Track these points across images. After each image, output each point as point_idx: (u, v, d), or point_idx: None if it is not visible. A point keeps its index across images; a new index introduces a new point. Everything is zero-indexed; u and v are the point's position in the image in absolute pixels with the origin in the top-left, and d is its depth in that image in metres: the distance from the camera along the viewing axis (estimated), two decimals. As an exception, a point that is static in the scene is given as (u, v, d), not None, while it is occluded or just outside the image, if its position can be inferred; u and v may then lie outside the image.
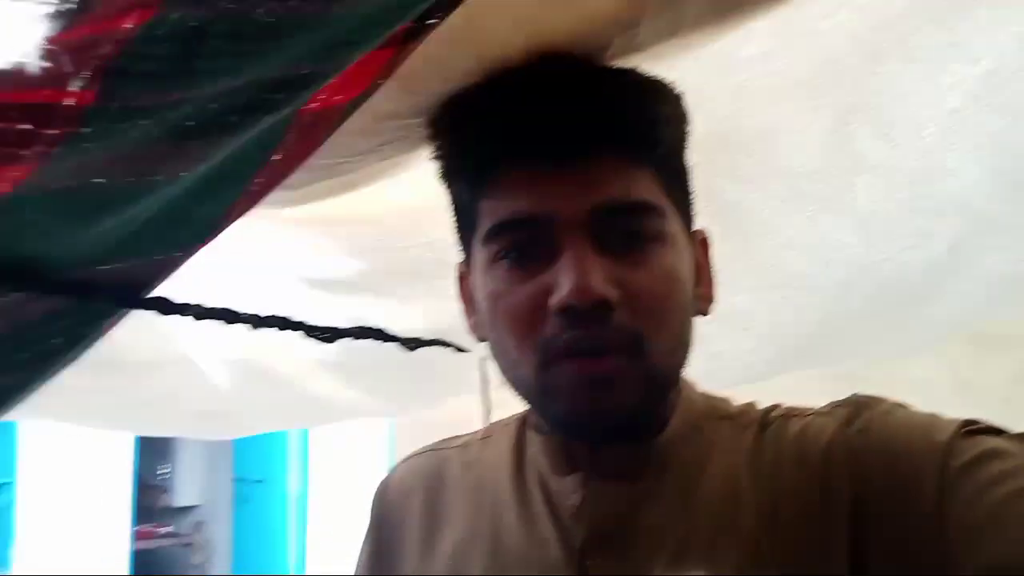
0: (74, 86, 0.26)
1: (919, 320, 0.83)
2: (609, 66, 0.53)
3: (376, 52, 0.40)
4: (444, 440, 0.67)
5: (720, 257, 0.79)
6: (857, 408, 0.49)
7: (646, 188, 0.48)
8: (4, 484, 4.04)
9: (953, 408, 0.48)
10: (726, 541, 0.48)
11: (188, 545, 5.59)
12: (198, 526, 5.66)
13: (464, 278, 0.58)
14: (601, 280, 0.45)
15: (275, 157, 0.44)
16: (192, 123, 0.33)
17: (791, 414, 0.52)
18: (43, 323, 0.43)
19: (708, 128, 0.68)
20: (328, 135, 0.47)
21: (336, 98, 0.42)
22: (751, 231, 0.75)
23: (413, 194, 0.75)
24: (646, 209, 0.48)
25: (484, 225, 0.50)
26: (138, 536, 4.94)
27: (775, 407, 0.54)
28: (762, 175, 0.71)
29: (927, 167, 0.63)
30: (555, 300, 0.46)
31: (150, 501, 5.88)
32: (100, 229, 0.39)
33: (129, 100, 0.29)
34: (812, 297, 0.79)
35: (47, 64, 0.23)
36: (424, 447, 0.68)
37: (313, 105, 0.42)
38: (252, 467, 5.20)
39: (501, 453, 0.60)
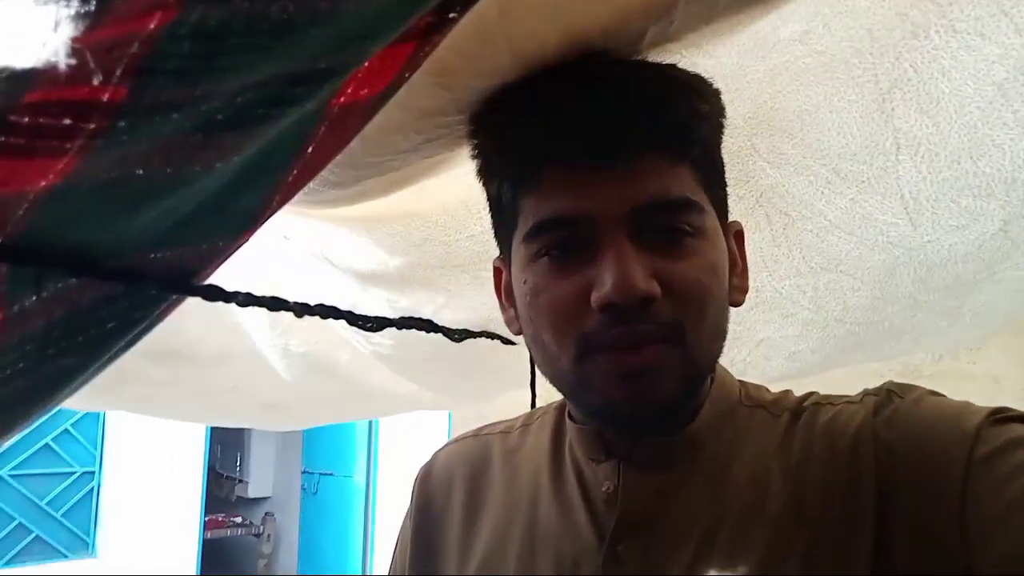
0: (106, 83, 0.29)
1: (975, 307, 0.80)
2: (648, 62, 0.53)
3: (397, 46, 0.42)
4: (486, 426, 0.69)
5: (762, 242, 0.79)
6: (887, 396, 0.49)
7: (685, 184, 0.49)
8: (90, 473, 4.29)
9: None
10: (753, 529, 0.48)
11: (257, 535, 5.81)
12: (267, 517, 5.88)
13: (500, 273, 0.60)
14: (643, 276, 0.46)
15: (308, 149, 0.46)
16: (221, 116, 0.35)
17: (823, 402, 0.52)
18: (98, 307, 0.46)
19: (747, 112, 0.68)
20: (360, 128, 0.49)
21: (363, 92, 0.44)
22: (793, 214, 0.75)
23: (457, 190, 0.77)
24: (685, 206, 0.49)
25: (525, 223, 0.51)
26: (208, 525, 5.16)
27: (809, 395, 0.54)
28: (803, 157, 0.70)
29: (972, 144, 0.61)
30: (597, 296, 0.47)
31: (223, 492, 6.14)
32: (147, 218, 0.42)
33: (158, 96, 0.31)
34: (857, 281, 0.77)
35: (74, 62, 0.25)
36: (466, 432, 0.70)
37: (341, 99, 0.44)
38: (320, 460, 5.36)
39: (540, 440, 0.62)
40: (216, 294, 0.55)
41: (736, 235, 0.56)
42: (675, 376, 0.48)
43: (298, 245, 0.97)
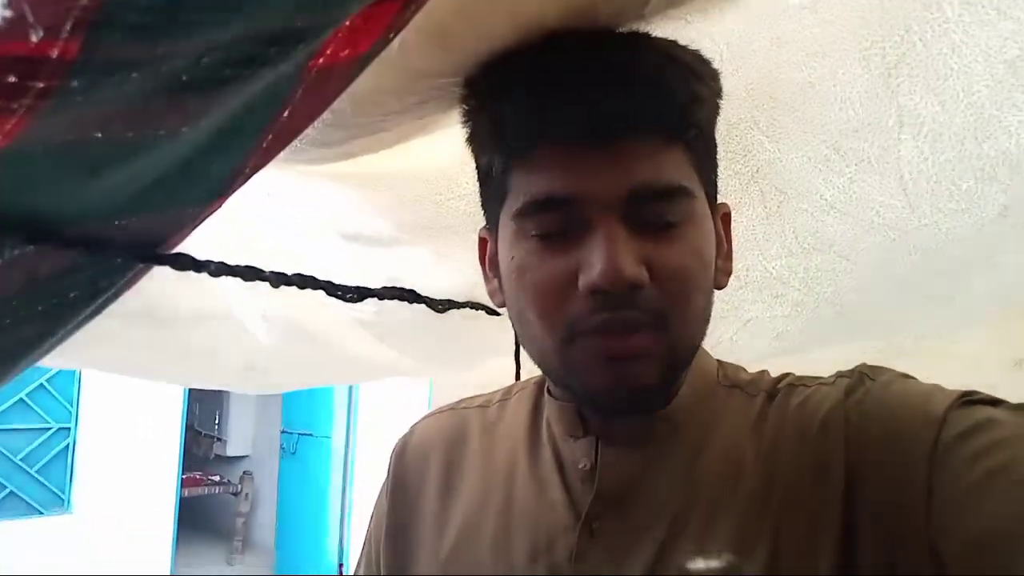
0: (54, 37, 0.26)
1: (967, 291, 0.79)
2: (650, 39, 0.51)
3: (382, 3, 0.38)
4: (464, 400, 0.69)
5: (755, 219, 0.77)
6: (859, 378, 0.49)
7: (679, 169, 0.48)
8: (65, 428, 4.25)
9: (1006, 386, 0.46)
10: (726, 510, 0.49)
11: (235, 494, 5.83)
12: (245, 475, 5.89)
13: (486, 243, 0.58)
14: (632, 264, 0.45)
15: (284, 114, 0.43)
16: (186, 77, 0.32)
17: (797, 383, 0.53)
18: (60, 276, 0.43)
19: (750, 83, 0.65)
20: (340, 91, 0.46)
21: (343, 53, 0.41)
22: (788, 192, 0.73)
23: (451, 146, 0.73)
24: (678, 192, 0.48)
25: (516, 199, 0.50)
26: (186, 483, 5.16)
27: (785, 376, 0.54)
28: (802, 132, 0.67)
29: (978, 124, 0.59)
30: (585, 281, 0.46)
31: (200, 450, 6.14)
32: (108, 184, 0.39)
33: (114, 52, 0.28)
34: (851, 263, 0.75)
35: (10, 14, 0.22)
36: (443, 406, 0.69)
37: (320, 60, 0.40)
38: (299, 420, 5.36)
39: (518, 415, 0.62)
40: (186, 263, 0.52)
41: (724, 217, 0.55)
42: (659, 362, 0.48)
43: (280, 202, 0.94)
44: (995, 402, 0.44)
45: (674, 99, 0.48)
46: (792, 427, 0.50)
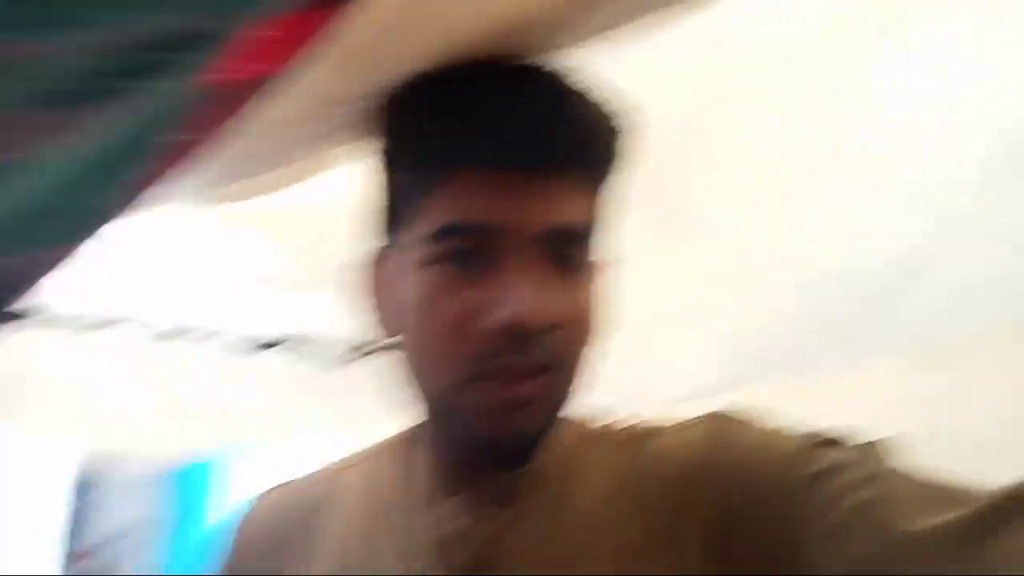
0: None
1: (885, 325, 0.81)
2: (573, 74, 0.50)
3: (301, 14, 0.34)
4: (307, 474, 0.63)
5: (676, 255, 0.76)
6: (712, 423, 0.51)
7: (591, 211, 0.49)
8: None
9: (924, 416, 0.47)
10: (590, 562, 0.48)
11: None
12: (123, 551, 5.42)
13: (373, 267, 0.54)
14: (547, 305, 0.45)
15: (173, 139, 0.37)
16: (52, 86, 0.26)
17: (651, 431, 0.53)
18: None
19: (667, 115, 0.65)
20: (242, 114, 0.41)
21: (254, 68, 0.36)
22: (704, 227, 0.72)
23: (360, 179, 0.69)
24: (590, 234, 0.48)
25: (428, 222, 0.47)
26: (71, 558, 4.68)
27: (639, 423, 0.55)
28: (721, 168, 0.67)
29: (900, 155, 0.60)
30: (499, 319, 0.44)
31: (81, 524, 5.62)
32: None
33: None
34: (767, 300, 0.76)
35: None
36: (282, 482, 0.63)
37: (219, 76, 0.35)
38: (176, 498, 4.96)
39: (378, 477, 0.58)
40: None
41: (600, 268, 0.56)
42: (547, 410, 0.48)
43: (177, 244, 0.86)
44: (838, 441, 0.46)
45: (600, 139, 0.48)
46: (651, 475, 0.50)
